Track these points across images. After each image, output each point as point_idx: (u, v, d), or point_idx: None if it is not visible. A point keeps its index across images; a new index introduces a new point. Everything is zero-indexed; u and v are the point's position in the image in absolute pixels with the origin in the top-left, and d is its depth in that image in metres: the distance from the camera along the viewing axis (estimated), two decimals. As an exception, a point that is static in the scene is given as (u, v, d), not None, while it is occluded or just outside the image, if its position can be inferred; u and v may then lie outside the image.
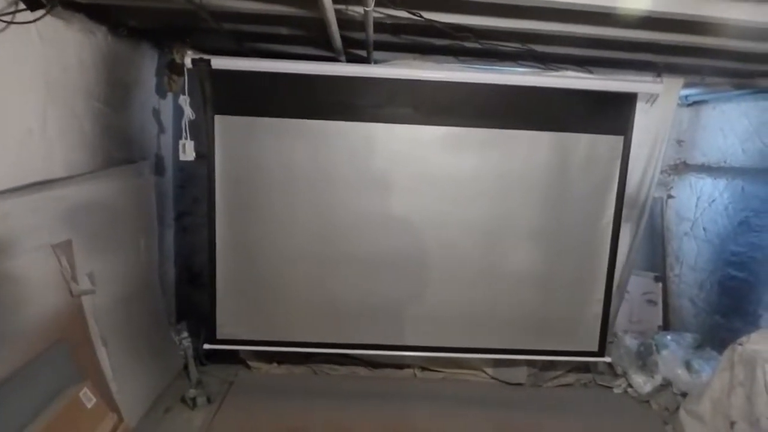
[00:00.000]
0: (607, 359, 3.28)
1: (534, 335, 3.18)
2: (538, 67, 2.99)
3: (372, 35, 2.43)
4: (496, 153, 2.95)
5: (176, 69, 2.78)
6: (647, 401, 3.27)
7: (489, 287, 3.10)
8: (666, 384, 3.28)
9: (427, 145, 2.93)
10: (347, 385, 3.32)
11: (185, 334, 3.16)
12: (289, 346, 3.16)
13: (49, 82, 2.18)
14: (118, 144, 2.78)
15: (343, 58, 2.90)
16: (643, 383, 3.31)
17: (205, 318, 3.09)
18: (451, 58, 3.00)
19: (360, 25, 2.28)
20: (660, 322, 3.92)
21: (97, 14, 2.42)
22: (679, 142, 3.95)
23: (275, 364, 3.44)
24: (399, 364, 3.47)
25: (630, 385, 3.37)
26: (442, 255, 3.05)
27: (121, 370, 2.55)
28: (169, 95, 3.28)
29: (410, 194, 2.96)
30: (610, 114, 2.94)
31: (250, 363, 3.43)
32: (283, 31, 2.64)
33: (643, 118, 3.00)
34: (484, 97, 2.88)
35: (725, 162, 3.56)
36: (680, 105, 3.72)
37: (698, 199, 3.78)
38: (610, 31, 2.27)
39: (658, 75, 2.95)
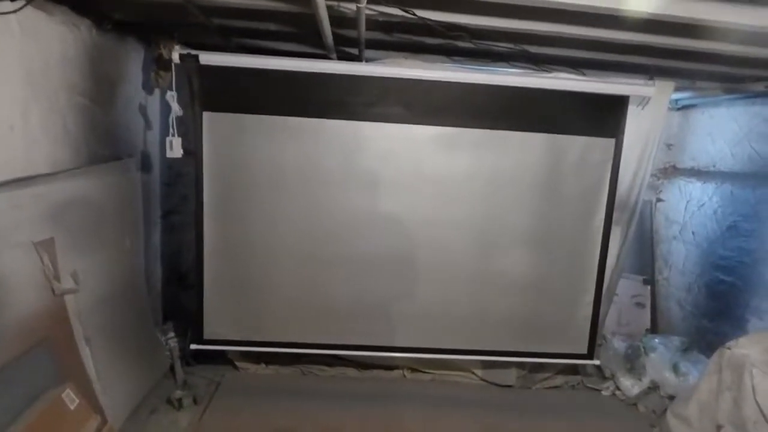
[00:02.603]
0: (596, 362, 3.29)
1: (524, 337, 3.17)
2: (531, 69, 2.98)
3: (364, 33, 2.40)
4: (488, 153, 2.94)
5: (163, 64, 2.72)
6: (635, 404, 3.28)
7: (479, 288, 3.09)
8: (653, 387, 3.31)
9: (419, 145, 2.90)
10: (336, 386, 3.30)
11: (172, 334, 3.12)
12: (277, 347, 3.13)
13: (31, 77, 2.12)
14: (103, 140, 2.72)
15: (334, 55, 2.87)
16: (630, 386, 3.32)
17: (192, 318, 3.04)
18: (443, 57, 2.99)
19: (352, 22, 2.25)
20: (648, 325, 3.94)
21: (80, 6, 2.36)
22: (669, 145, 3.97)
23: (263, 365, 3.40)
24: (388, 365, 3.45)
25: (618, 388, 3.38)
26: (432, 255, 3.03)
27: (106, 371, 2.50)
28: (156, 91, 3.23)
29: (401, 194, 2.94)
30: (602, 116, 2.94)
31: (237, 363, 3.39)
32: (273, 27, 2.59)
33: (634, 121, 3.00)
34: (477, 97, 2.86)
35: (714, 166, 3.58)
36: (670, 109, 3.71)
37: (687, 202, 3.80)
38: (603, 33, 2.26)
39: (650, 78, 2.96)
